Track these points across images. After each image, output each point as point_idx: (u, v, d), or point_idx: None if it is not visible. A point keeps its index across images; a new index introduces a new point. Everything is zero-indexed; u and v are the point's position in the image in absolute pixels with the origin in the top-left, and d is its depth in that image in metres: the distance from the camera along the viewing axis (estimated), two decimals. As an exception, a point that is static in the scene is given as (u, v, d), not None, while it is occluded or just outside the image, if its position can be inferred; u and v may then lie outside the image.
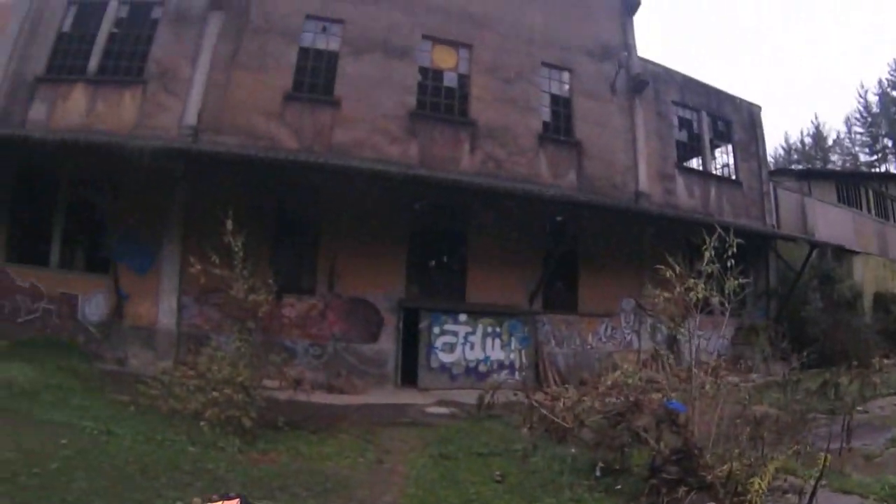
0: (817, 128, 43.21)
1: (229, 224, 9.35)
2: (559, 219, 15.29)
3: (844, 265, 22.18)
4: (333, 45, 15.44)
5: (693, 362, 7.46)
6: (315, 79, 15.09)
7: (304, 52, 15.22)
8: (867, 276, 23.44)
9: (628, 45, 17.90)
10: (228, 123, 14.22)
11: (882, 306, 22.49)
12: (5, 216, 13.39)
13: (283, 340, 12.63)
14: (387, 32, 15.53)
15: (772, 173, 24.23)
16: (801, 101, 73.48)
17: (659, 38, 73.06)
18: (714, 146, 19.79)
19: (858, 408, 10.68)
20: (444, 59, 16.00)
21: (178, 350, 12.60)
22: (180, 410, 8.14)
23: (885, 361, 15.58)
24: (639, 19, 18.70)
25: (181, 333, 12.96)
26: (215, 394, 8.08)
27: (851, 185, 26.64)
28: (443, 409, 11.70)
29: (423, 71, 15.81)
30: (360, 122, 14.85)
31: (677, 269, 7.47)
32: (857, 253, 23.41)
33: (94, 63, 14.52)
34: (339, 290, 13.99)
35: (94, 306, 13.03)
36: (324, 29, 15.51)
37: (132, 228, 13.16)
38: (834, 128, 44.24)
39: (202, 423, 7.82)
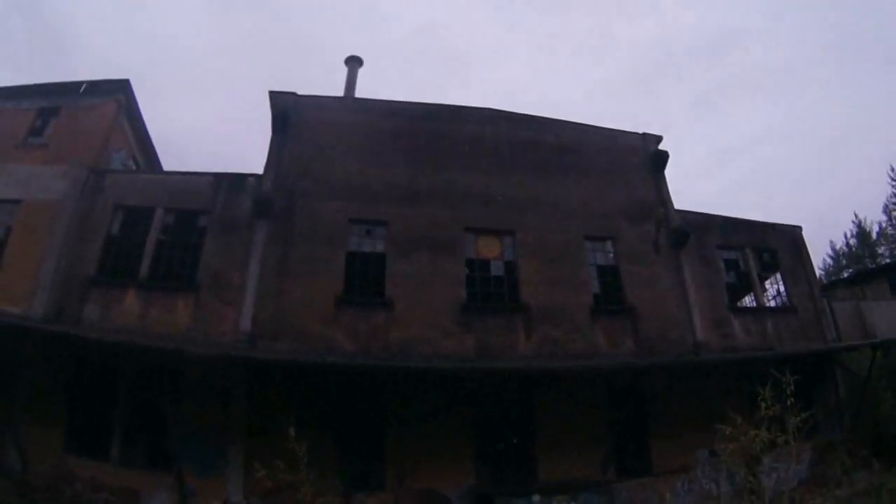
0: (859, 225, 42.79)
1: (292, 431, 9.51)
2: (621, 386, 15.21)
3: (911, 354, 21.43)
4: (379, 246, 15.93)
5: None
6: (365, 281, 15.45)
7: (351, 255, 15.68)
8: (937, 356, 22.50)
9: (664, 200, 18.19)
10: (284, 329, 14.48)
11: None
12: (65, 407, 13.47)
13: (355, 534, 12.63)
14: (430, 229, 16.06)
15: (824, 288, 23.90)
16: (839, 203, 73.80)
17: (690, 178, 75.52)
18: (763, 279, 19.61)
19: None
20: (489, 248, 16.38)
21: (246, 545, 12.39)
22: None
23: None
24: (670, 172, 18.84)
25: (248, 530, 12.71)
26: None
27: (903, 272, 26.19)
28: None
29: (470, 263, 16.14)
30: (413, 319, 15.03)
31: (738, 420, 7.56)
32: (921, 337, 22.63)
33: (145, 268, 15.03)
34: (409, 483, 13.69)
35: (158, 501, 12.90)
36: (368, 232, 16.05)
37: (194, 429, 13.20)
38: (875, 220, 43.63)
39: None
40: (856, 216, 44.44)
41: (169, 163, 22.59)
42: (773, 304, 19.53)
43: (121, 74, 20.75)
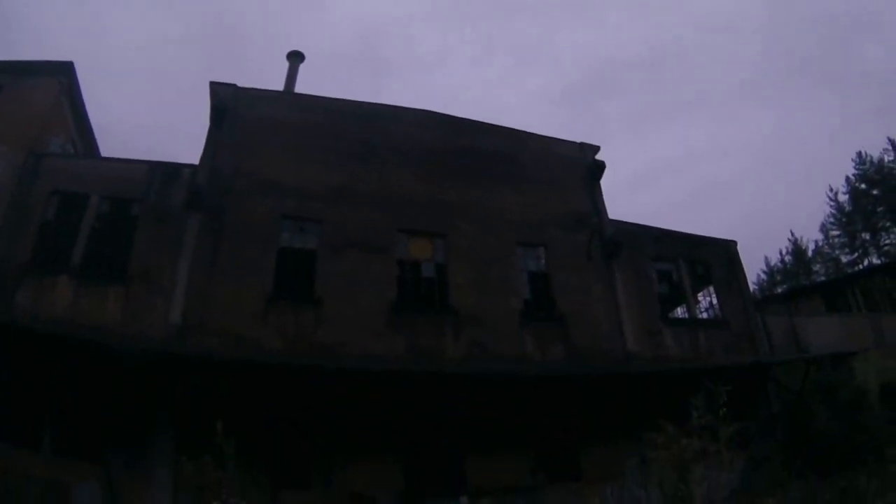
0: (795, 243, 44.15)
1: (219, 426, 9.41)
2: (551, 393, 15.16)
3: (844, 370, 21.99)
4: (311, 244, 15.75)
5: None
6: (295, 279, 15.23)
7: (282, 252, 15.46)
8: (869, 372, 23.12)
9: (598, 210, 18.42)
10: (213, 324, 14.19)
11: (892, 395, 22.03)
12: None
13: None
14: (363, 229, 15.92)
15: (758, 302, 24.46)
16: (776, 221, 76.21)
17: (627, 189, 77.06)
18: (696, 291, 19.94)
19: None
20: (421, 250, 16.34)
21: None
22: None
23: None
24: (606, 183, 19.11)
25: (177, 526, 12.45)
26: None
27: (837, 291, 26.99)
28: None
29: (401, 264, 16.06)
30: (342, 320, 14.88)
31: (669, 429, 7.62)
32: (855, 353, 23.30)
33: (77, 256, 14.64)
34: (336, 485, 13.57)
35: (89, 493, 12.43)
36: (301, 229, 15.86)
37: (123, 421, 12.83)
38: (811, 238, 45.00)
39: None
40: (792, 234, 45.83)
41: (108, 152, 22.09)
42: (705, 316, 19.87)
43: (63, 57, 20.14)
